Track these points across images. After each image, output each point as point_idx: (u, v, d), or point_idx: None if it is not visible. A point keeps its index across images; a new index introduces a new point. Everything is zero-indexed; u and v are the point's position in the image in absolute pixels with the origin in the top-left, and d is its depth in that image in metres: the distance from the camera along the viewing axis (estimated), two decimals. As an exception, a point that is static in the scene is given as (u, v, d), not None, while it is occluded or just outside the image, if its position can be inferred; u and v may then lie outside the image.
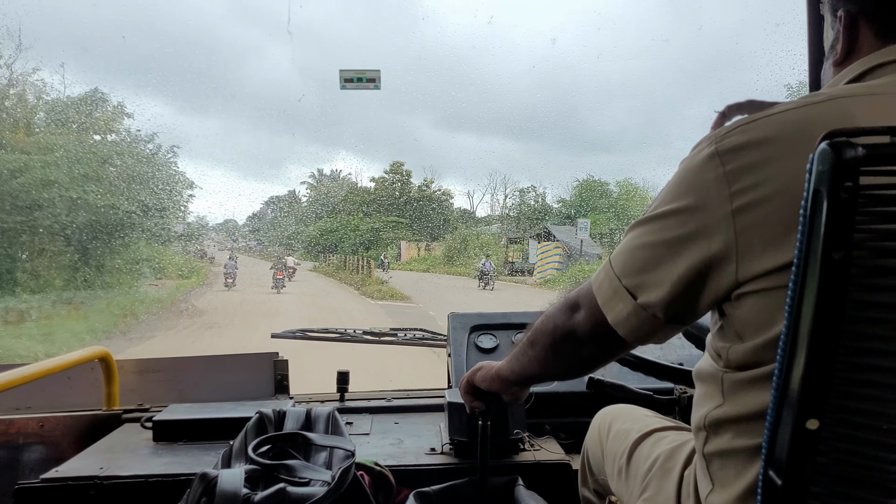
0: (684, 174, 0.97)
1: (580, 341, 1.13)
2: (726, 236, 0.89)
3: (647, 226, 1.01)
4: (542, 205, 46.37)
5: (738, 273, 0.90)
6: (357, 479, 1.39)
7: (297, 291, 25.51)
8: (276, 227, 56.24)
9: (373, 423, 2.02)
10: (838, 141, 0.70)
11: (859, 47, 1.03)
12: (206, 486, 1.22)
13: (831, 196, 0.70)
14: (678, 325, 1.03)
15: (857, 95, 0.91)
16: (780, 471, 0.79)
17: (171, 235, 27.38)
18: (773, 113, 0.91)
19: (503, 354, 2.16)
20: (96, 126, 25.25)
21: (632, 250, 1.03)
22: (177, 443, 1.85)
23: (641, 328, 1.02)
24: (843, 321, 0.73)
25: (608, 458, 1.45)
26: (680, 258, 0.95)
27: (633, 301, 1.01)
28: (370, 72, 3.59)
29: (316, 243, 50.64)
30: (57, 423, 2.05)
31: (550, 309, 1.21)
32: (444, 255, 42.12)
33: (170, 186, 27.77)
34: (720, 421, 1.00)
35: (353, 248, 46.91)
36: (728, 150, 0.91)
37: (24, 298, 17.35)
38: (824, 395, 0.75)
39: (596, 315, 1.07)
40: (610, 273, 1.05)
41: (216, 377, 2.30)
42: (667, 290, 0.97)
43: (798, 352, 0.75)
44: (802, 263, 0.74)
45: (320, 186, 58.77)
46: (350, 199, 54.99)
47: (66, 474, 1.61)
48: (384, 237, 48.56)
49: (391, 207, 52.31)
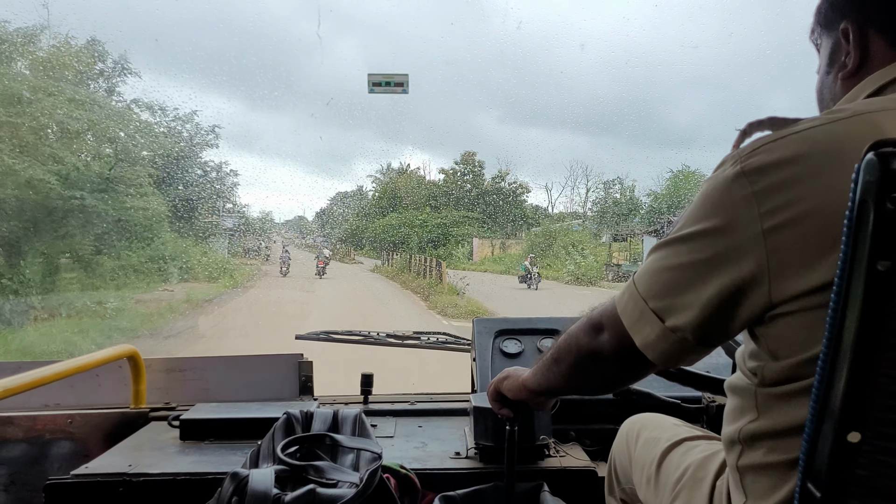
0: (710, 194, 0.95)
1: (605, 363, 1.11)
2: (758, 257, 0.88)
3: (672, 247, 0.99)
4: (631, 198, 41.56)
5: (772, 294, 0.88)
6: (384, 482, 1.40)
7: (342, 297, 21.98)
8: (342, 223, 52.94)
9: (396, 426, 2.02)
10: (885, 151, 0.70)
11: (871, 58, 1.03)
12: (237, 485, 1.23)
13: (878, 207, 0.69)
14: (709, 347, 1.01)
15: (887, 110, 0.90)
16: (819, 483, 0.78)
17: (204, 231, 27.13)
18: (800, 130, 0.90)
19: (528, 359, 2.17)
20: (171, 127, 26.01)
21: (658, 272, 1.01)
22: (203, 442, 1.86)
23: (671, 352, 1.01)
24: (887, 333, 0.72)
25: (636, 467, 1.44)
26: (709, 281, 0.93)
27: (661, 324, 0.99)
28: (398, 76, 3.61)
29: (381, 239, 46.52)
30: (85, 420, 2.08)
31: (574, 327, 1.19)
32: (526, 255, 34.83)
33: (213, 181, 28.37)
34: (755, 435, 0.98)
35: (419, 245, 42.26)
36: (755, 169, 0.89)
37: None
38: (866, 408, 0.74)
39: (621, 337, 1.05)
40: (635, 294, 1.03)
41: (242, 377, 2.31)
42: (696, 313, 0.95)
43: (840, 364, 0.75)
44: (847, 275, 0.73)
45: (387, 180, 53.98)
46: (417, 193, 50.10)
47: (95, 471, 1.63)
48: (454, 233, 43.48)
49: (462, 201, 47.56)
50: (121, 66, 23.65)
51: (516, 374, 1.45)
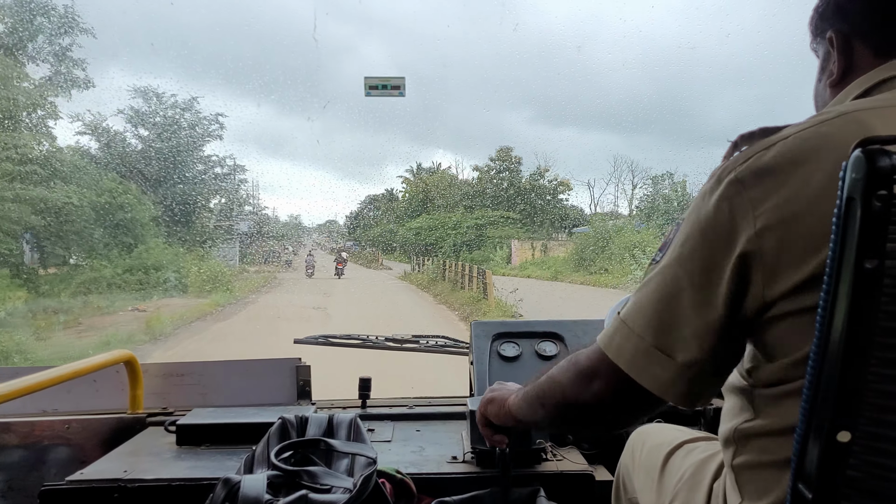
0: (700, 208, 0.94)
1: (604, 411, 1.06)
2: (754, 261, 0.88)
3: (667, 273, 0.96)
4: (683, 195, 36.21)
5: (765, 294, 0.88)
6: (378, 487, 1.39)
7: (355, 313, 17.88)
8: (373, 226, 50.66)
9: (394, 431, 2.01)
10: (872, 149, 0.69)
11: (856, 66, 1.03)
12: (228, 491, 1.23)
13: (864, 204, 0.69)
14: (723, 375, 0.98)
15: (872, 108, 0.91)
16: (810, 484, 0.78)
17: (202, 236, 26.77)
18: (789, 135, 0.90)
19: (526, 363, 2.17)
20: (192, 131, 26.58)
21: (655, 304, 0.96)
22: (200, 447, 1.86)
23: (693, 390, 0.95)
24: (876, 332, 0.72)
25: (639, 473, 1.45)
26: (712, 300, 0.91)
27: (672, 361, 0.93)
28: (395, 79, 3.61)
29: (411, 243, 43.19)
30: (82, 426, 2.07)
31: (558, 373, 1.12)
32: (575, 257, 32.41)
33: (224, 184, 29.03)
34: (750, 434, 0.98)
35: (453, 248, 39.20)
36: (748, 175, 0.90)
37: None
38: (856, 408, 0.73)
39: (620, 382, 0.99)
40: (630, 334, 0.97)
41: (239, 382, 2.31)
42: (709, 340, 0.92)
43: (829, 363, 0.74)
44: (835, 273, 0.73)
45: (417, 181, 50.74)
46: (450, 193, 46.56)
47: (90, 477, 1.62)
48: (491, 235, 39.84)
49: (499, 201, 43.64)
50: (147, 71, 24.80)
51: (501, 398, 1.38)
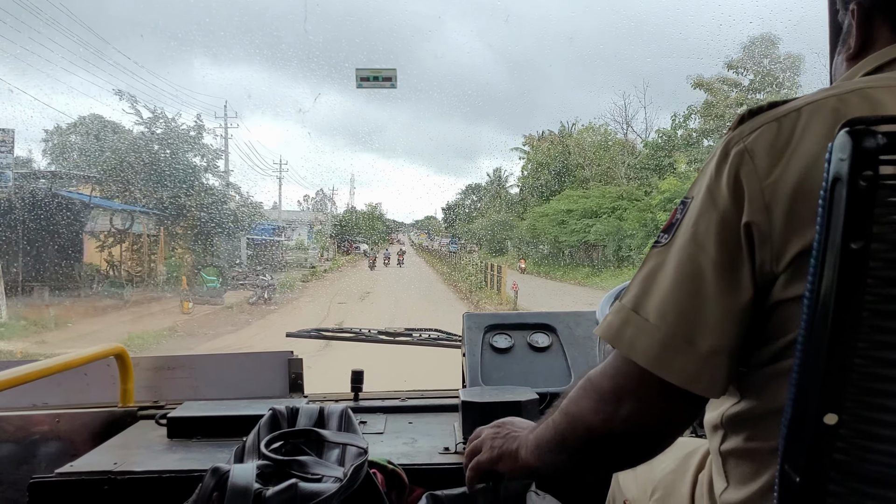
0: (711, 183, 0.90)
1: (643, 433, 0.96)
2: (761, 234, 0.85)
3: (683, 253, 0.90)
4: None
5: (774, 270, 0.86)
6: (370, 477, 1.39)
7: None
8: (475, 218, 43.62)
9: (387, 423, 2.01)
10: (858, 129, 0.69)
11: (874, 42, 1.00)
12: (217, 481, 1.22)
13: (850, 185, 0.68)
14: (745, 355, 0.92)
15: (883, 86, 0.89)
16: (798, 468, 0.77)
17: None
18: (799, 107, 0.88)
19: (518, 354, 2.17)
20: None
21: (673, 288, 0.89)
22: (191, 439, 1.85)
23: (719, 377, 0.88)
24: (862, 314, 0.71)
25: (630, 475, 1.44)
26: (741, 279, 0.87)
27: (695, 350, 0.86)
28: (386, 70, 3.62)
29: (530, 238, 32.95)
30: (72, 419, 2.06)
31: (573, 407, 1.01)
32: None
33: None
34: (737, 418, 0.97)
35: (598, 235, 27.00)
36: (756, 145, 0.88)
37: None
38: (842, 390, 0.73)
39: (650, 389, 0.89)
40: (643, 324, 0.90)
41: (231, 375, 2.30)
42: (737, 322, 0.87)
43: (816, 345, 0.74)
44: (821, 255, 0.72)
45: (536, 154, 38.61)
46: (608, 158, 32.59)
47: (80, 469, 1.62)
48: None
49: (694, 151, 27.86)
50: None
51: (509, 454, 1.21)
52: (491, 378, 2.10)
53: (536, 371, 2.13)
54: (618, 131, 35.15)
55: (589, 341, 2.18)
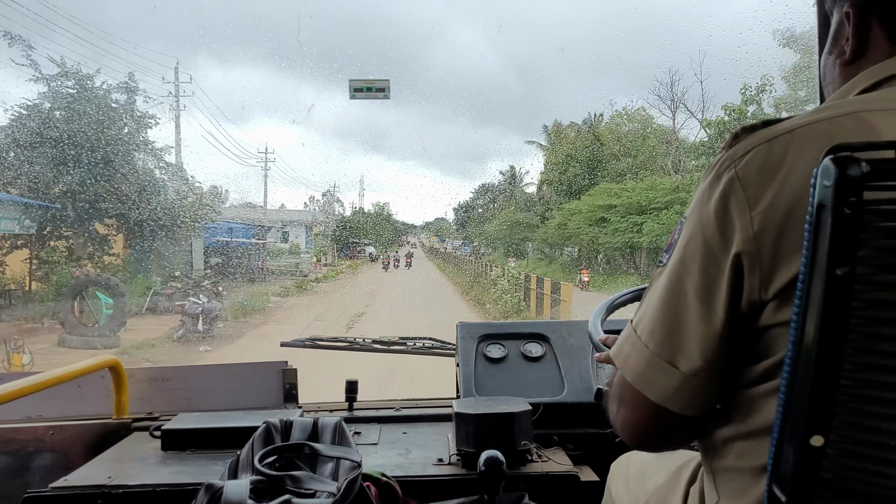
0: (701, 207, 0.91)
1: (637, 438, 1.03)
2: (750, 262, 0.86)
3: (672, 276, 0.92)
4: None
5: (761, 297, 0.86)
6: (363, 490, 1.39)
7: None
8: (489, 220, 40.80)
9: (381, 433, 2.01)
10: (842, 156, 0.69)
11: (869, 49, 0.98)
12: (211, 497, 1.23)
13: (835, 212, 0.69)
14: (727, 381, 0.94)
15: (878, 109, 0.88)
16: (785, 487, 0.79)
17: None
18: (789, 128, 0.88)
19: (511, 364, 2.18)
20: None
21: (657, 310, 0.93)
22: (185, 452, 1.85)
23: (697, 399, 0.92)
24: (848, 338, 0.72)
25: (617, 479, 1.45)
26: (716, 306, 0.88)
27: (676, 371, 0.91)
28: (379, 81, 3.63)
29: (557, 239, 29.81)
30: (67, 432, 2.06)
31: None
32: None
33: None
34: (727, 437, 0.98)
35: (652, 234, 22.85)
36: (747, 171, 0.87)
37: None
38: (829, 412, 0.74)
39: (636, 400, 0.95)
40: (636, 343, 0.94)
41: (225, 386, 2.30)
42: (715, 347, 0.89)
43: (803, 368, 0.75)
44: (808, 280, 0.73)
45: (556, 148, 34.65)
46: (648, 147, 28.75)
47: (74, 483, 1.62)
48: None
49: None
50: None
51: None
52: (484, 388, 2.11)
53: (529, 381, 2.13)
54: (659, 115, 30.92)
55: (582, 351, 2.19)
